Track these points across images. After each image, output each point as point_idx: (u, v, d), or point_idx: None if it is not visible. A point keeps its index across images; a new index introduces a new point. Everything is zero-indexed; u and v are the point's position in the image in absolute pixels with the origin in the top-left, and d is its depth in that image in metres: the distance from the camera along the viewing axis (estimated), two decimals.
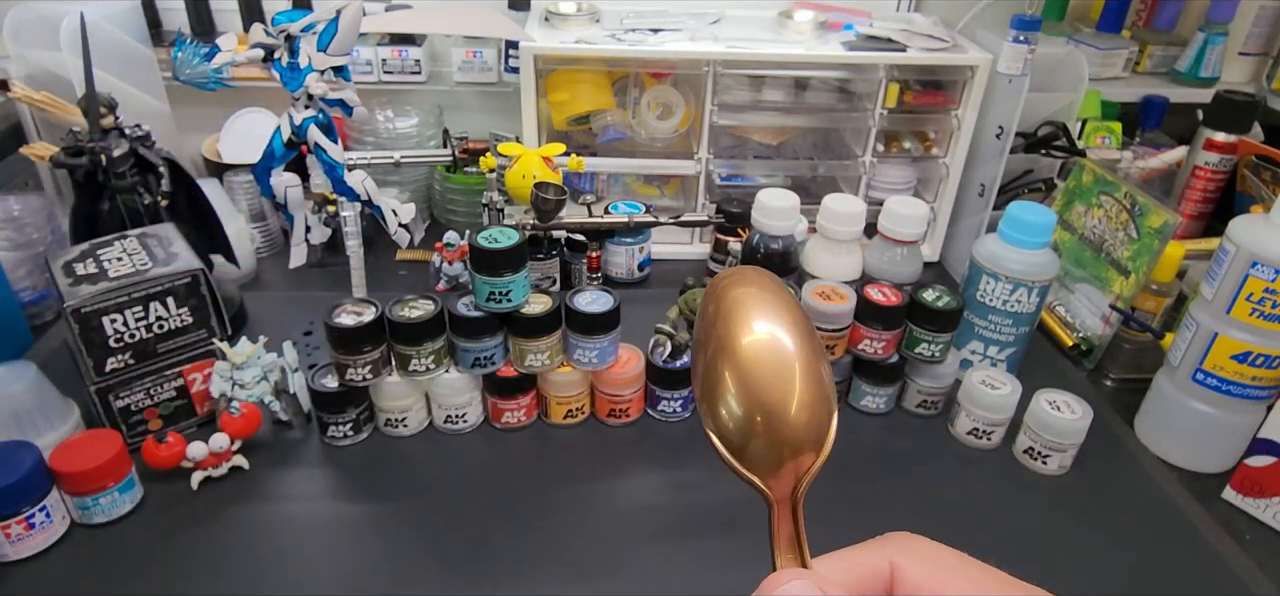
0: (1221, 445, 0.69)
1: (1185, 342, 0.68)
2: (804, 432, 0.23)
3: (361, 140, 1.04)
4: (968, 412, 0.71)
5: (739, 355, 0.24)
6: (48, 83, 0.84)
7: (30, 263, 0.82)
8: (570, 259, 0.93)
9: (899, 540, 0.23)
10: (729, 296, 0.25)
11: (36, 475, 0.56)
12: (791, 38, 0.93)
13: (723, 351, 0.24)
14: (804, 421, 0.23)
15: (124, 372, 0.64)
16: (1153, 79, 1.16)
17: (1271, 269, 0.61)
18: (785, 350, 0.24)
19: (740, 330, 0.24)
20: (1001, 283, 0.72)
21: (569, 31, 0.92)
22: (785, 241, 0.75)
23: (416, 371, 0.66)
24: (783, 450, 0.23)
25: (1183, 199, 1.06)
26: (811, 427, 0.23)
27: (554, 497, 0.65)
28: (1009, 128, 0.88)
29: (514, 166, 0.82)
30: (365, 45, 1.05)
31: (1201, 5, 1.15)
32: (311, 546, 0.60)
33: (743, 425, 0.23)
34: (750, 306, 0.25)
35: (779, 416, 0.23)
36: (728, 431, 0.24)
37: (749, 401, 0.23)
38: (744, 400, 0.23)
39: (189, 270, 0.65)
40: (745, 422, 0.23)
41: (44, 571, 0.57)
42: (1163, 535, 0.64)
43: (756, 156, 1.01)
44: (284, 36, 0.78)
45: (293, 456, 0.68)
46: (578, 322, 0.67)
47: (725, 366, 0.24)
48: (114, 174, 0.73)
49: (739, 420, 0.23)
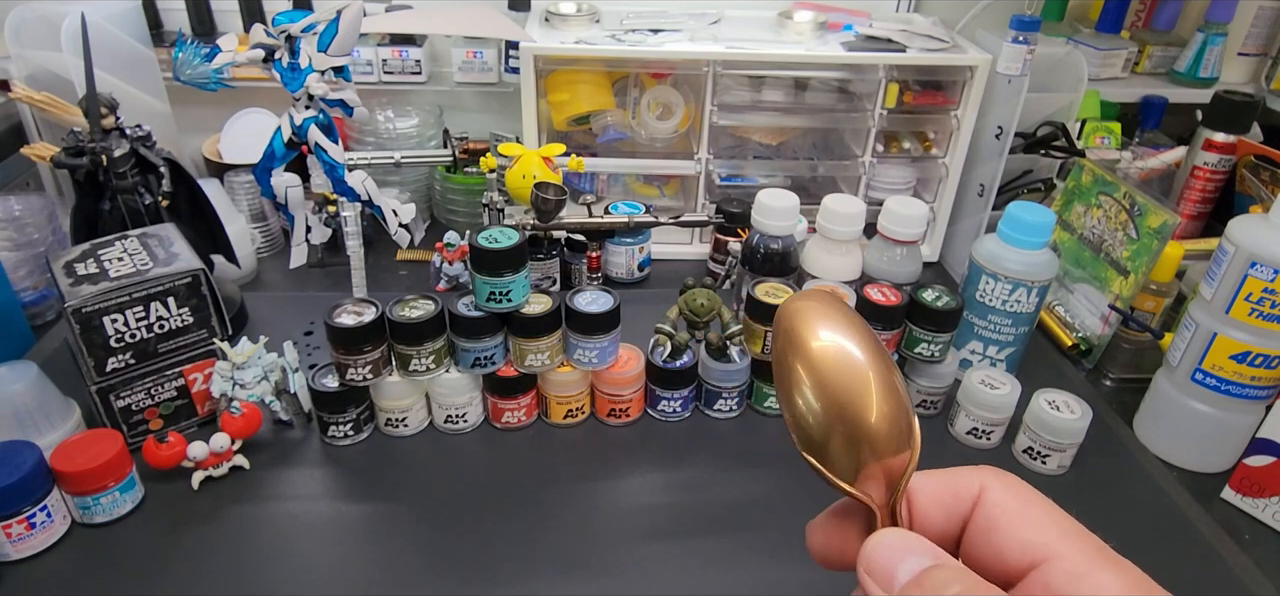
0: (1220, 445, 0.70)
1: (1184, 342, 0.68)
2: (886, 435, 0.24)
3: (362, 140, 1.04)
4: (967, 412, 0.71)
5: (811, 356, 0.24)
6: (49, 83, 0.84)
7: (31, 262, 0.82)
8: (570, 259, 0.93)
9: (994, 470, 0.24)
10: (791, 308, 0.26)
11: (37, 475, 0.56)
12: (791, 38, 0.93)
13: (793, 348, 0.25)
14: (884, 426, 0.24)
15: (125, 372, 0.64)
16: (1152, 79, 1.16)
17: (1270, 269, 0.61)
18: (855, 357, 0.24)
19: (808, 336, 0.25)
20: (1001, 283, 0.72)
21: (569, 32, 0.93)
22: (785, 241, 0.76)
23: (417, 371, 0.66)
24: (863, 450, 0.23)
25: (1182, 199, 1.06)
26: (893, 430, 0.24)
27: (554, 497, 0.65)
28: (1008, 128, 0.88)
29: (514, 166, 0.83)
30: (366, 46, 1.05)
31: (1201, 5, 1.15)
32: (312, 546, 0.60)
33: (822, 423, 0.24)
34: (814, 318, 0.25)
35: (859, 417, 0.24)
36: (808, 428, 0.24)
37: (825, 398, 0.24)
38: (820, 395, 0.24)
39: (190, 270, 0.65)
40: (825, 419, 0.24)
41: (44, 571, 0.57)
42: (1162, 535, 0.64)
43: (756, 156, 1.01)
44: (284, 37, 0.78)
45: (293, 456, 0.68)
46: (578, 323, 0.67)
47: (796, 360, 0.25)
48: (115, 174, 0.73)
49: (818, 415, 0.24)
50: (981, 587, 0.20)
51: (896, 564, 0.22)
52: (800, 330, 0.25)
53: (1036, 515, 0.22)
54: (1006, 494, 0.23)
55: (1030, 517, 0.22)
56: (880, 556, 0.22)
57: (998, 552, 0.22)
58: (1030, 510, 0.22)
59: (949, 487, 0.24)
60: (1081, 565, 0.21)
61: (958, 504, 0.24)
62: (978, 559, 0.23)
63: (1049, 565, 0.21)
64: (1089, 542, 0.21)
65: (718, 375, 0.72)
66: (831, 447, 0.24)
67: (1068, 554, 0.21)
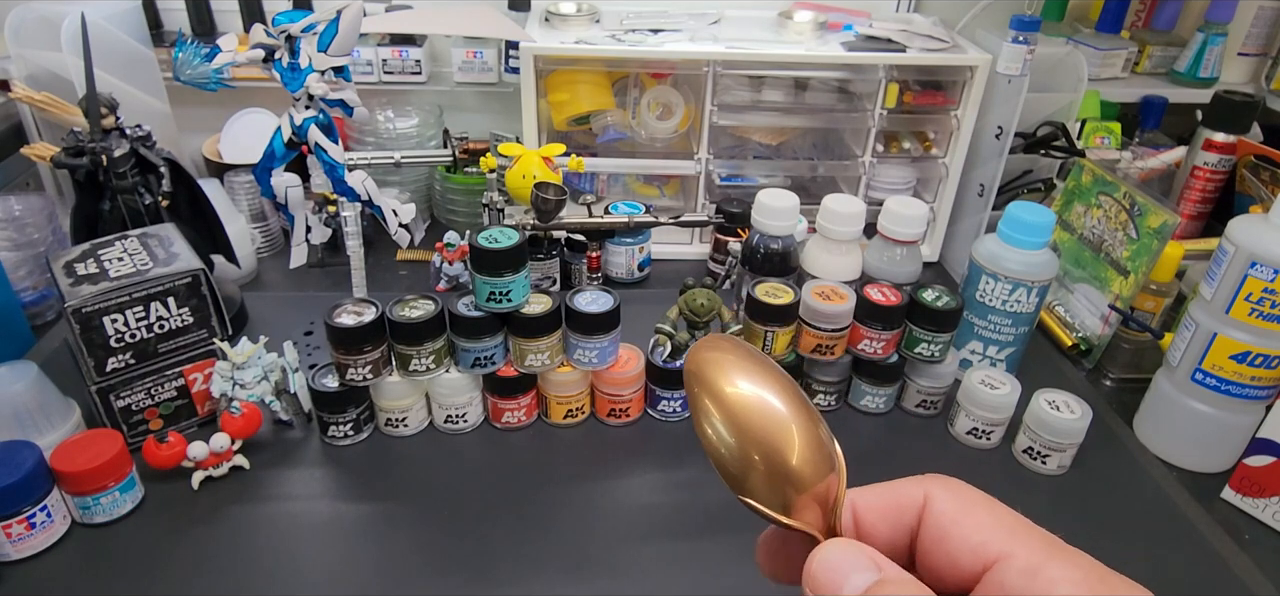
0: (1220, 445, 0.69)
1: (1184, 342, 0.68)
2: (809, 470, 0.23)
3: (362, 140, 1.04)
4: (967, 412, 0.71)
5: (726, 403, 0.24)
6: (49, 83, 0.84)
7: (31, 262, 0.82)
8: (570, 259, 0.93)
9: (937, 477, 0.24)
10: (698, 358, 0.26)
11: (37, 475, 0.56)
12: (791, 38, 0.93)
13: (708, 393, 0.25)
14: (807, 467, 0.23)
15: (125, 372, 0.64)
16: (1152, 79, 1.16)
17: (1270, 269, 0.61)
18: (766, 401, 0.24)
19: (723, 384, 0.25)
20: (1001, 282, 0.72)
21: (569, 32, 0.93)
22: (785, 241, 0.76)
23: (417, 371, 0.66)
24: (787, 488, 0.23)
25: (1182, 199, 1.06)
26: (814, 460, 0.24)
27: (554, 497, 0.65)
28: (1008, 128, 0.88)
29: (514, 166, 0.83)
30: (365, 46, 1.05)
31: (1200, 5, 1.15)
32: (312, 546, 0.60)
33: (740, 463, 0.24)
34: (726, 368, 0.25)
35: (778, 458, 0.23)
36: (731, 470, 0.24)
37: (742, 436, 0.24)
38: (736, 433, 0.24)
39: (190, 270, 0.65)
40: (742, 459, 0.24)
41: (44, 571, 0.57)
42: (1162, 535, 0.64)
43: (756, 156, 1.01)
44: (285, 37, 0.78)
45: (293, 456, 0.68)
46: (578, 323, 0.67)
47: (712, 404, 0.24)
48: (115, 174, 0.73)
49: (736, 455, 0.24)
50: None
51: (842, 581, 0.21)
52: (714, 379, 0.25)
53: (982, 517, 0.22)
54: (951, 499, 0.23)
55: (977, 520, 0.22)
56: (824, 574, 0.22)
57: (950, 559, 0.22)
58: (976, 512, 0.22)
59: (891, 500, 0.24)
60: (1033, 561, 0.21)
61: (902, 516, 0.24)
62: (932, 567, 0.23)
63: (1001, 565, 0.21)
64: (1038, 537, 0.21)
65: None
66: (754, 485, 0.24)
67: (1018, 551, 0.21)
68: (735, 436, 0.24)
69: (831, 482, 0.24)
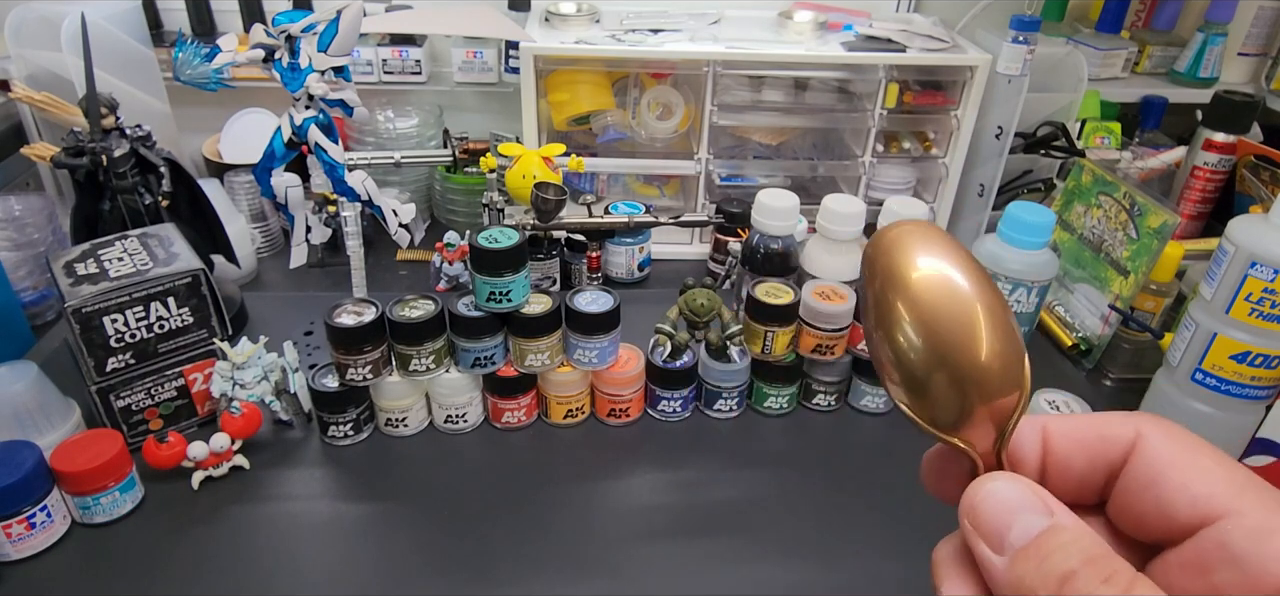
0: (1220, 445, 0.69)
1: (1184, 342, 0.68)
2: (996, 374, 0.21)
3: (362, 140, 1.04)
4: None
5: (912, 290, 0.22)
6: (49, 83, 0.84)
7: (31, 262, 0.82)
8: (570, 259, 0.93)
9: (1151, 416, 0.22)
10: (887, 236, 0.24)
11: (37, 475, 0.56)
12: (791, 38, 0.93)
13: (891, 284, 0.22)
14: (996, 364, 0.21)
15: (125, 372, 0.64)
16: (1152, 79, 1.17)
17: (1270, 269, 0.61)
18: (961, 288, 0.22)
19: (907, 267, 0.22)
20: (1001, 283, 0.72)
21: (569, 32, 0.93)
22: (785, 241, 0.76)
23: (417, 371, 0.66)
24: (970, 391, 0.21)
25: (1182, 199, 1.06)
26: (1003, 368, 0.22)
27: (554, 497, 0.65)
28: (1008, 128, 0.88)
29: (514, 167, 0.83)
30: (365, 46, 1.05)
31: (1201, 5, 1.15)
32: (312, 546, 0.60)
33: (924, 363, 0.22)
34: (914, 247, 0.23)
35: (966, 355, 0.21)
36: (910, 369, 0.22)
37: (928, 335, 0.22)
38: (923, 333, 0.22)
39: (189, 270, 0.65)
40: (927, 359, 0.22)
41: (44, 571, 0.57)
42: None
43: (756, 156, 1.01)
44: (284, 37, 0.78)
45: (293, 456, 0.68)
46: (578, 323, 0.67)
47: (896, 297, 0.22)
48: (115, 174, 0.73)
49: (921, 354, 0.22)
50: (1108, 559, 0.18)
51: (1008, 522, 0.19)
52: (898, 262, 0.22)
53: (1208, 465, 0.20)
54: (1171, 443, 0.21)
55: (1202, 468, 0.20)
56: (988, 510, 0.20)
57: (1159, 507, 0.20)
58: (1201, 460, 0.20)
59: (1095, 432, 0.22)
60: (1269, 521, 0.18)
61: (1105, 450, 0.22)
62: (1135, 513, 0.21)
63: (1227, 522, 0.19)
64: (1274, 497, 0.19)
65: (718, 375, 0.72)
66: (934, 390, 0.22)
67: (1250, 510, 0.19)
68: (922, 335, 0.21)
69: (1013, 400, 0.21)
